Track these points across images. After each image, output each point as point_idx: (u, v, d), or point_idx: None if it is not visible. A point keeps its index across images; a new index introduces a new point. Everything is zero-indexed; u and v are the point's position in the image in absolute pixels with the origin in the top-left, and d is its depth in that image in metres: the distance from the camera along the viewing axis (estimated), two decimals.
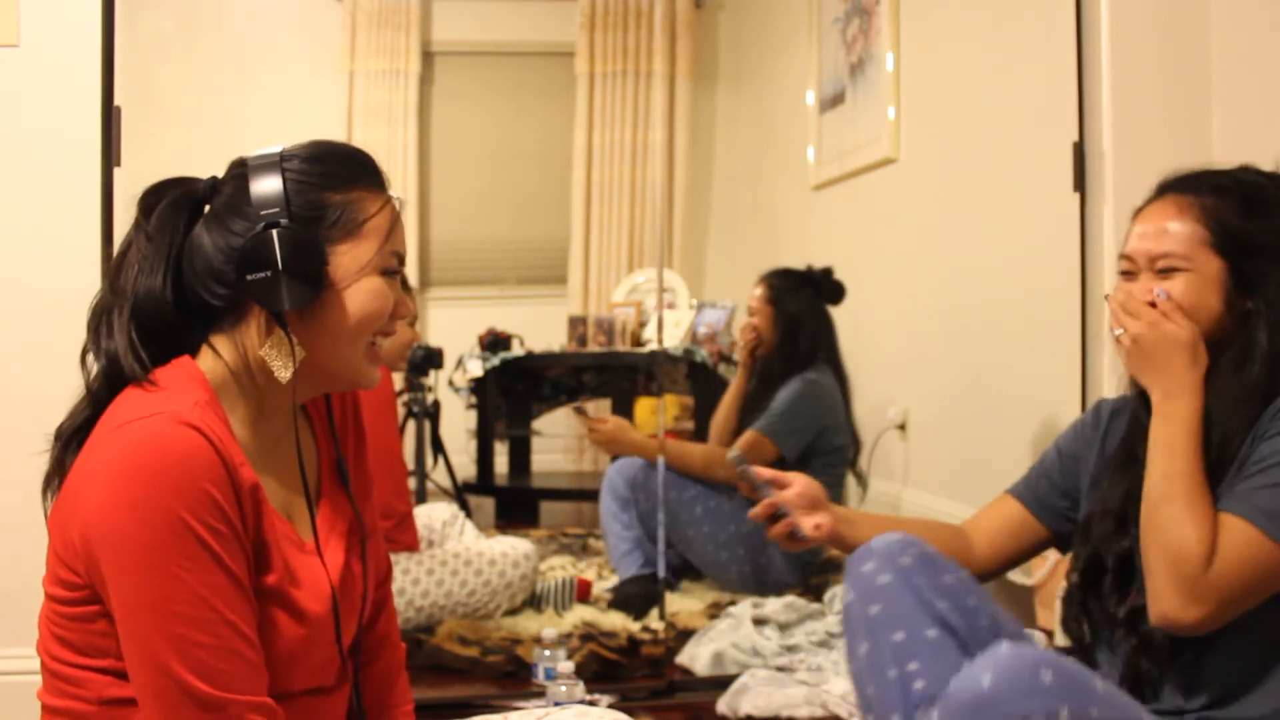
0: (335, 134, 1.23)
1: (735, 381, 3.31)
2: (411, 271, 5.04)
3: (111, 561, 1.00)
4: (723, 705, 2.23)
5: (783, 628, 2.62)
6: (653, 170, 5.21)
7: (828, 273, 3.27)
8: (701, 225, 5.40)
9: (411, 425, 3.75)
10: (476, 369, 4.09)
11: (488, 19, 5.25)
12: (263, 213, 1.09)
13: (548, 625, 2.59)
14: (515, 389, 4.35)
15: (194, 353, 1.13)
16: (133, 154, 2.12)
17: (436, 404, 3.81)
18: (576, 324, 4.53)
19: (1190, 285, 1.35)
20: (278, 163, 1.13)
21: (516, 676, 2.43)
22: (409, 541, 2.72)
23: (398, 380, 4.06)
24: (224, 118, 4.29)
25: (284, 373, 1.10)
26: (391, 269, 1.16)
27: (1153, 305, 1.36)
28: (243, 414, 1.13)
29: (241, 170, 1.14)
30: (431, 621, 2.69)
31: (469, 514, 3.30)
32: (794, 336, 3.15)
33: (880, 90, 3.82)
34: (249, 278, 1.08)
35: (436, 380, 3.87)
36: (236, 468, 1.04)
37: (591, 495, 3.41)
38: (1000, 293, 3.03)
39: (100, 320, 1.12)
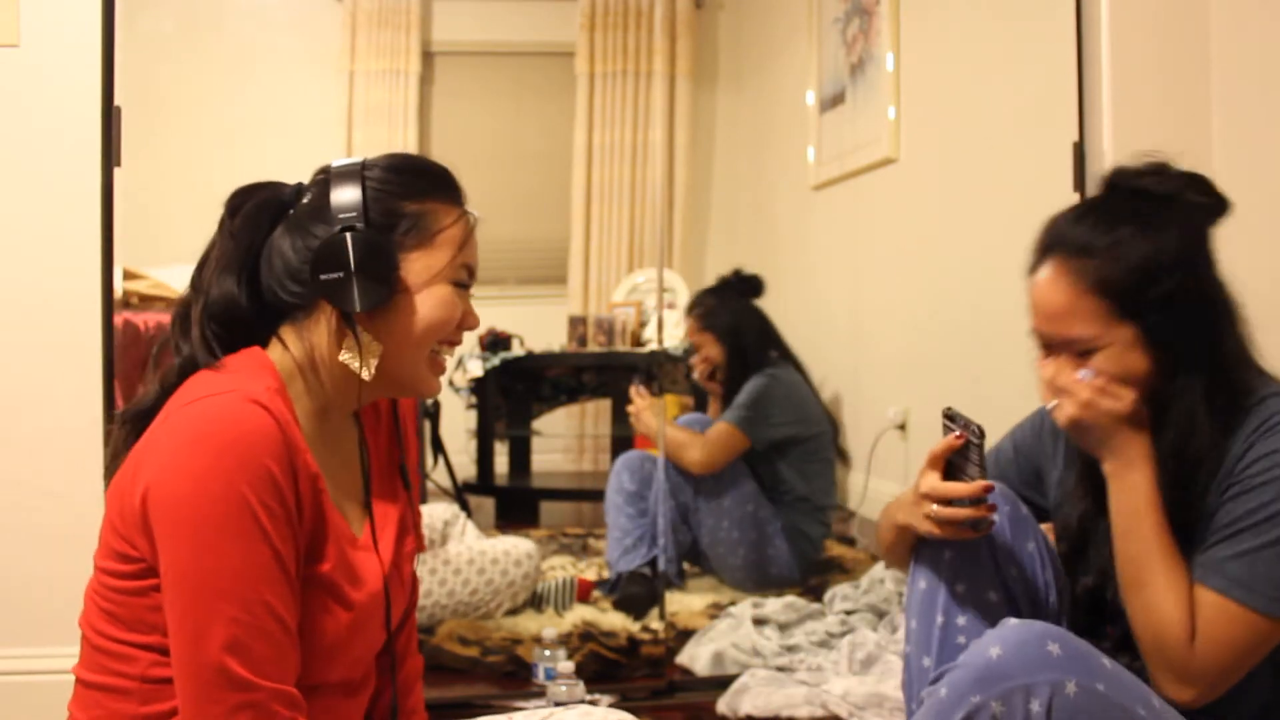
0: (335, 134, 1.24)
1: (712, 405, 3.34)
2: None
3: (165, 528, 1.01)
4: (723, 705, 2.23)
5: (783, 628, 2.62)
6: (653, 170, 5.21)
7: (738, 272, 3.34)
8: (701, 225, 5.40)
9: None
10: (476, 369, 4.10)
11: (488, 19, 5.25)
12: (341, 216, 1.13)
13: (548, 625, 2.59)
14: (515, 389, 4.35)
15: (264, 345, 1.16)
16: (133, 154, 2.12)
17: (436, 404, 3.81)
18: (576, 324, 4.53)
19: (1111, 359, 1.29)
20: (359, 171, 1.16)
21: (516, 676, 2.42)
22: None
23: None
24: (224, 118, 4.29)
25: (365, 372, 1.14)
26: (462, 281, 1.19)
27: None
28: (307, 407, 1.16)
29: (325, 177, 1.18)
30: (434, 621, 2.69)
31: (469, 514, 3.31)
32: (741, 345, 3.21)
33: (880, 90, 3.82)
34: (322, 277, 1.12)
35: None
36: (300, 453, 1.06)
37: (591, 495, 3.42)
38: (1000, 293, 3.03)
39: (180, 316, 1.16)
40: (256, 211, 1.17)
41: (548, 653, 2.32)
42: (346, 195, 1.14)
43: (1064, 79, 2.37)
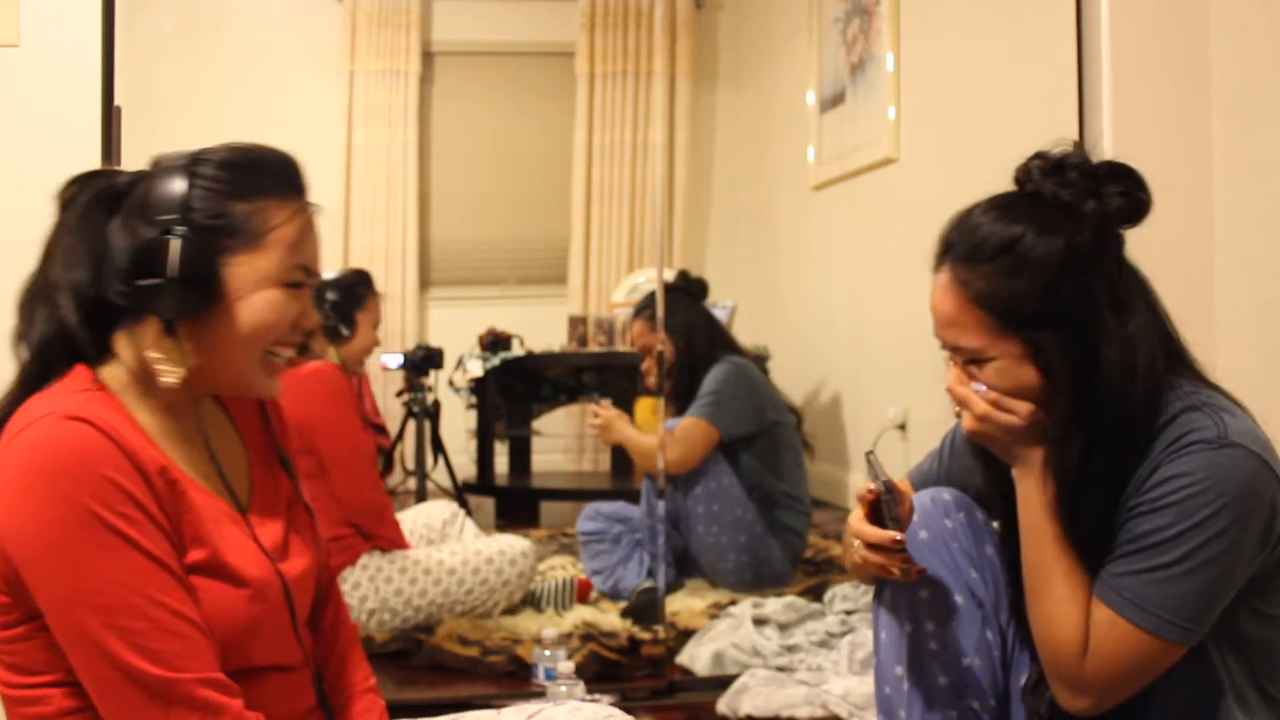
0: (335, 134, 1.23)
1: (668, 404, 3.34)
2: (411, 271, 5.05)
3: (31, 568, 1.00)
4: (723, 705, 2.23)
5: (783, 628, 2.62)
6: (653, 170, 5.20)
7: (684, 274, 3.36)
8: (701, 225, 5.40)
9: (411, 425, 3.76)
10: (476, 369, 4.10)
11: (488, 19, 5.25)
12: (160, 218, 1.09)
13: (548, 625, 2.59)
14: (515, 389, 4.35)
15: (104, 348, 1.13)
16: (133, 154, 2.12)
17: (436, 404, 3.81)
18: (576, 324, 4.53)
19: (1001, 371, 1.27)
20: (186, 166, 1.11)
21: (516, 676, 2.43)
22: (393, 536, 2.71)
23: (397, 379, 4.06)
24: (224, 118, 4.29)
25: (169, 379, 1.10)
26: (295, 281, 1.14)
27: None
28: (150, 406, 1.12)
29: (153, 170, 1.13)
30: (430, 621, 2.69)
31: (469, 513, 3.30)
32: (689, 344, 3.19)
33: (880, 90, 3.82)
34: (139, 283, 1.08)
35: (436, 380, 3.87)
36: (136, 451, 1.04)
37: (591, 495, 3.42)
38: None
39: (29, 308, 1.13)
40: (92, 204, 1.12)
41: (548, 653, 2.32)
42: (170, 192, 1.09)
43: (1064, 79, 2.37)
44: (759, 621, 2.62)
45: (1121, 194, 1.27)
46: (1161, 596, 1.19)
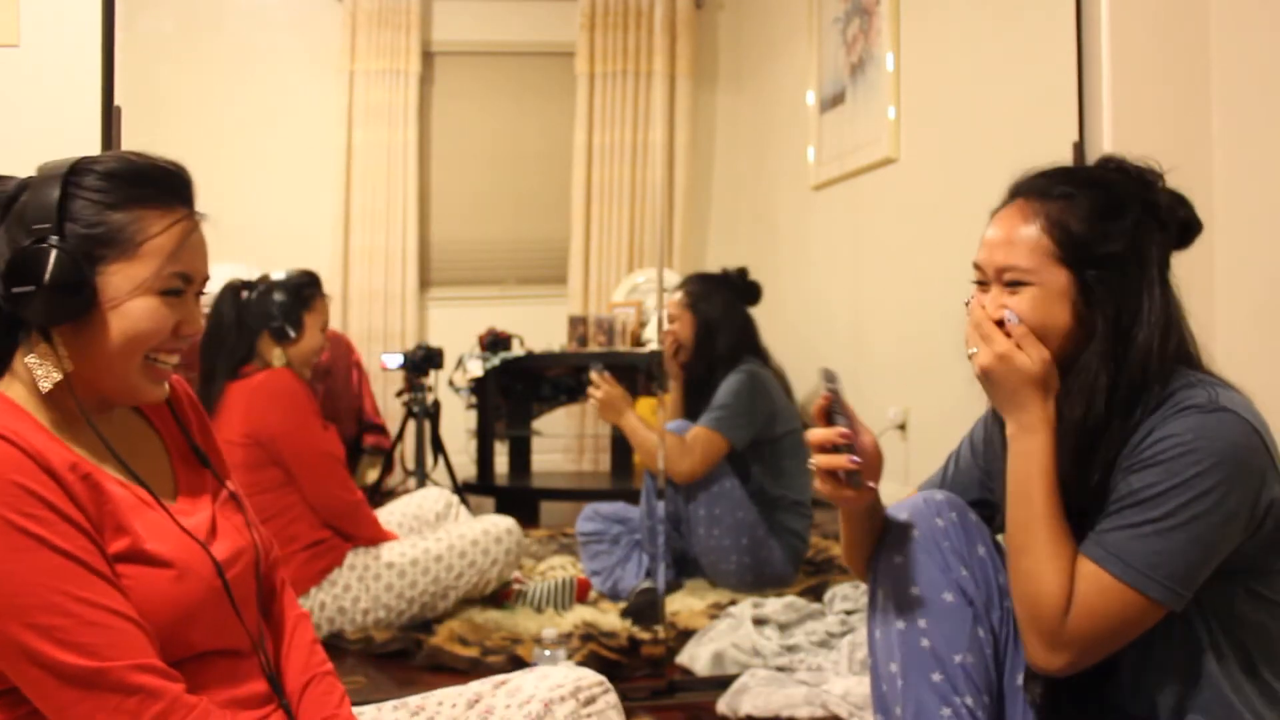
0: (335, 134, 1.22)
1: (673, 391, 3.29)
2: (411, 271, 5.05)
3: None
4: (723, 705, 2.23)
5: (783, 628, 2.62)
6: (653, 170, 5.21)
7: (743, 273, 3.26)
8: (701, 225, 5.40)
9: (412, 425, 3.76)
10: (476, 369, 4.10)
11: (488, 19, 5.26)
12: (35, 226, 1.10)
13: (547, 625, 2.59)
14: (515, 389, 4.36)
15: (6, 359, 1.15)
16: None
17: (436, 404, 3.82)
18: (576, 324, 4.53)
19: (1036, 301, 1.29)
20: (62, 176, 1.13)
21: None
22: (373, 533, 2.71)
23: (397, 379, 4.07)
24: (224, 117, 4.30)
25: (44, 384, 1.11)
26: (173, 289, 1.15)
27: (1001, 323, 1.30)
28: (58, 419, 1.14)
29: (35, 178, 1.15)
30: (426, 611, 2.70)
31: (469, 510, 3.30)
32: (712, 339, 3.14)
33: (880, 90, 3.83)
34: (14, 290, 1.09)
35: (436, 380, 3.87)
36: (42, 452, 1.05)
37: (591, 495, 3.42)
38: None
39: None
40: None
41: (548, 653, 2.32)
42: (45, 201, 1.11)
43: (1064, 79, 2.37)
44: (759, 621, 2.62)
45: (1183, 210, 1.35)
46: (1145, 551, 1.21)
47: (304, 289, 2.73)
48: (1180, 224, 1.34)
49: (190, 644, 1.13)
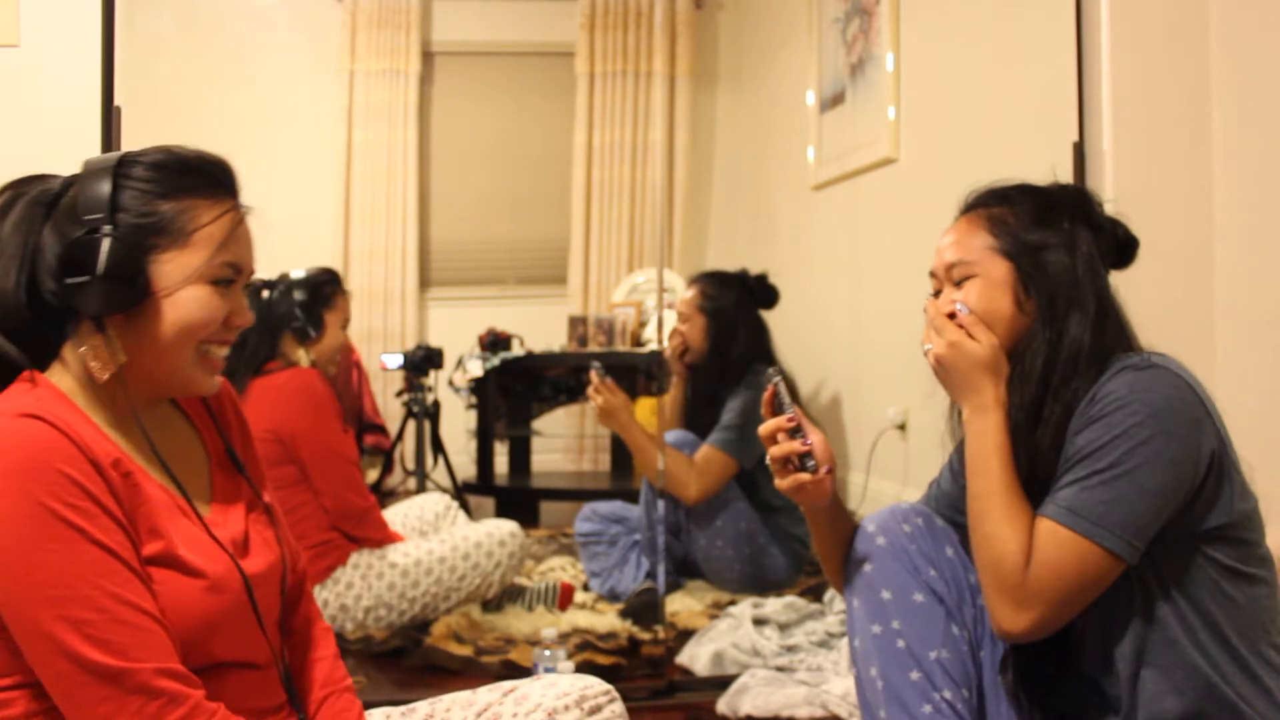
0: (335, 134, 1.23)
1: (673, 390, 3.25)
2: (411, 271, 5.06)
3: None
4: (723, 705, 2.23)
5: (783, 628, 2.62)
6: (653, 170, 5.21)
7: (762, 278, 3.18)
8: (701, 225, 5.40)
9: (411, 425, 3.76)
10: (476, 369, 4.10)
11: (488, 19, 5.26)
12: (87, 218, 1.11)
13: (539, 624, 2.59)
14: (515, 389, 4.36)
15: (53, 354, 1.15)
16: None
17: (436, 404, 3.81)
18: (576, 324, 4.53)
19: (980, 290, 1.39)
20: (113, 168, 1.13)
21: (513, 677, 2.42)
22: (380, 536, 2.71)
23: (397, 379, 4.07)
24: (224, 117, 4.30)
25: (100, 375, 1.12)
26: (224, 278, 1.16)
27: (953, 317, 1.41)
28: (104, 415, 1.14)
29: (83, 172, 1.15)
30: (428, 612, 2.70)
31: (469, 513, 3.30)
32: (726, 343, 3.07)
33: (880, 90, 3.82)
34: (68, 281, 1.10)
35: (436, 380, 3.87)
36: (91, 445, 1.05)
37: (591, 495, 3.41)
38: None
39: None
40: (28, 209, 1.15)
41: (548, 653, 2.31)
42: (96, 193, 1.12)
43: (1064, 79, 2.37)
44: (759, 621, 2.62)
45: (1123, 232, 1.44)
46: (1094, 502, 1.25)
47: (324, 287, 2.72)
48: (1117, 240, 1.43)
49: (211, 653, 1.12)
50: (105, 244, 1.09)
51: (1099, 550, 1.24)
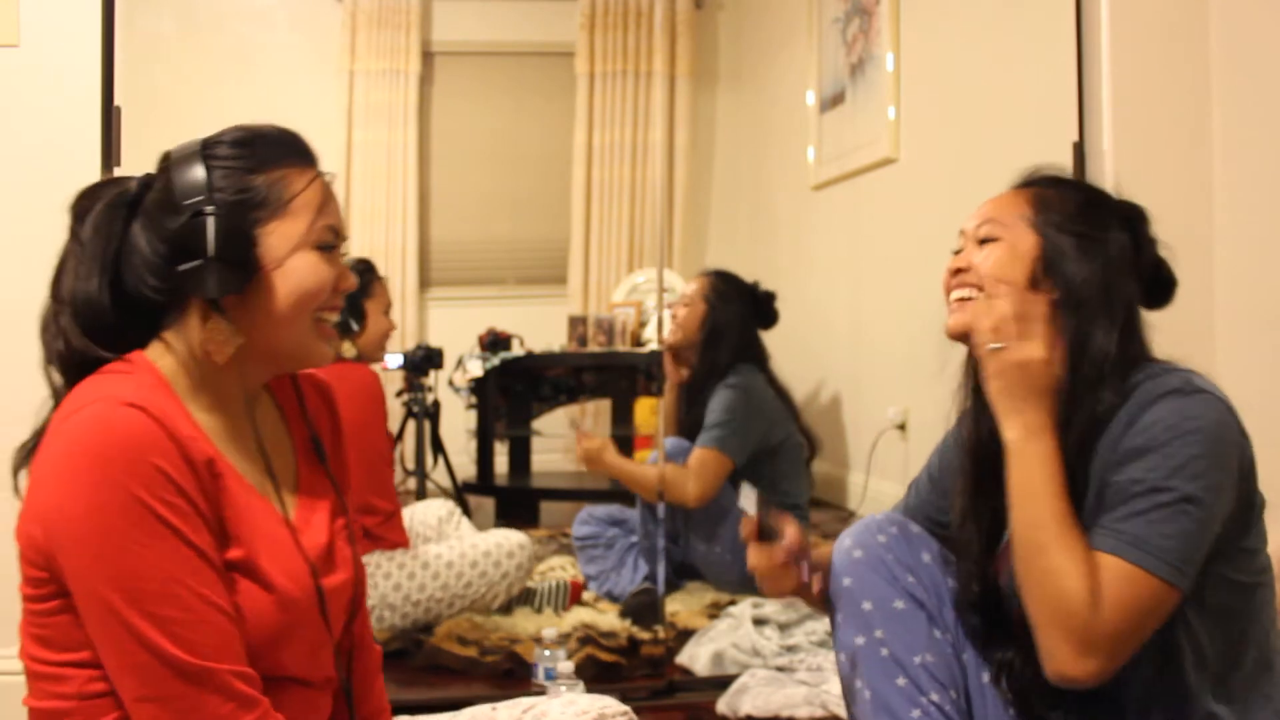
0: (335, 134, 1.23)
1: (666, 395, 3.27)
2: (411, 271, 5.05)
3: (71, 551, 1.00)
4: (723, 705, 2.23)
5: (783, 628, 2.62)
6: (653, 170, 5.21)
7: (770, 296, 3.21)
8: (701, 225, 5.40)
9: (411, 425, 3.76)
10: (476, 369, 4.09)
11: (488, 19, 5.26)
12: (187, 202, 1.10)
13: (545, 625, 2.59)
14: (515, 389, 4.35)
15: (143, 347, 1.15)
16: (133, 154, 2.12)
17: (436, 404, 3.81)
18: (576, 324, 4.52)
19: (999, 255, 1.37)
20: (200, 151, 1.13)
21: (515, 676, 2.43)
22: (396, 539, 2.72)
23: (397, 379, 4.07)
24: (224, 118, 4.28)
25: (219, 357, 1.12)
26: (327, 243, 1.16)
27: (959, 274, 1.40)
28: (203, 401, 1.14)
29: (168, 164, 1.15)
30: (430, 616, 2.69)
31: (468, 513, 3.30)
32: (716, 344, 3.09)
33: (880, 90, 3.83)
34: (180, 268, 1.09)
35: (436, 380, 3.87)
36: (187, 442, 1.04)
37: (591, 496, 3.42)
38: None
39: (47, 329, 1.15)
40: (107, 212, 1.14)
41: (548, 653, 2.32)
42: (191, 178, 1.11)
43: (1064, 79, 2.37)
44: (759, 621, 2.62)
45: (1168, 272, 1.41)
46: (1156, 536, 1.21)
47: (361, 276, 2.71)
48: (1157, 273, 1.39)
49: (278, 666, 1.12)
50: (212, 225, 1.09)
51: (1167, 586, 1.20)
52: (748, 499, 1.44)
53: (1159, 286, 1.40)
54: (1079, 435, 1.30)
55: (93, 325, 1.12)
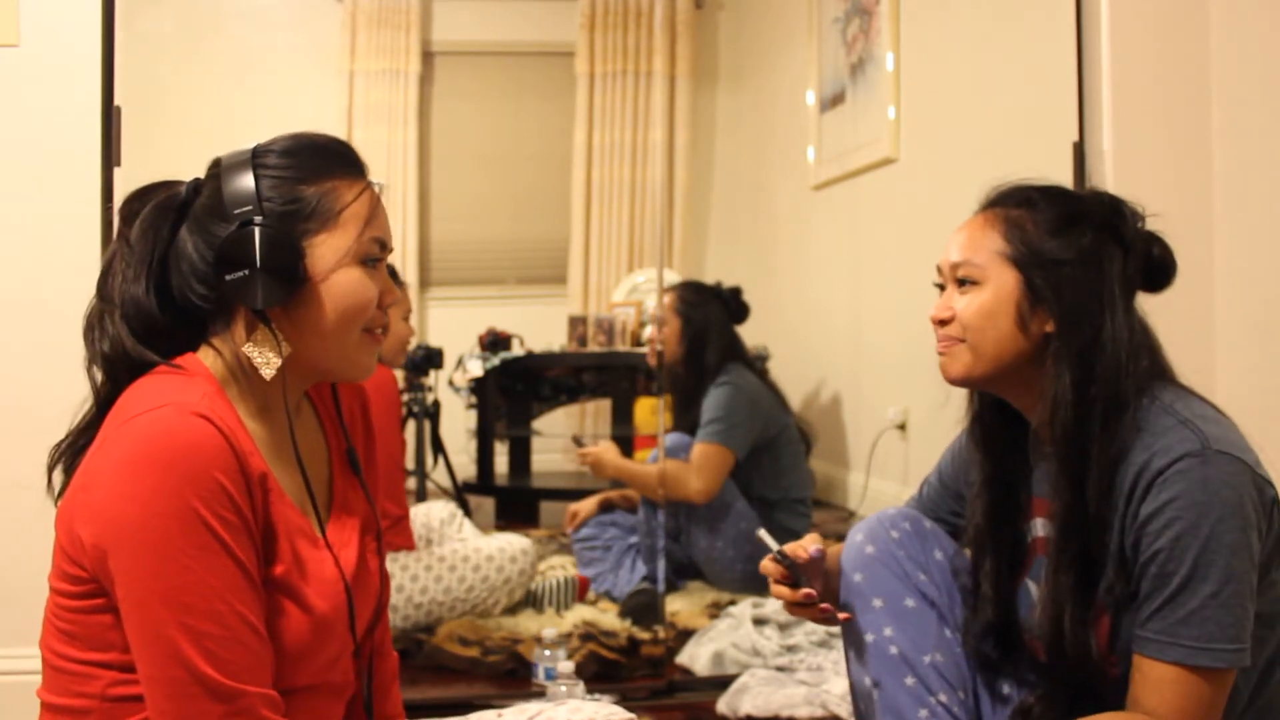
0: (335, 134, 1.21)
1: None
2: (411, 271, 5.05)
3: (122, 554, 0.99)
4: (723, 705, 2.23)
5: (783, 628, 2.62)
6: (653, 170, 5.21)
7: (736, 292, 3.28)
8: (701, 225, 5.40)
9: (412, 425, 3.76)
10: (476, 369, 4.09)
11: (488, 19, 5.25)
12: (236, 211, 1.10)
13: (548, 625, 2.59)
14: (515, 389, 4.35)
15: (193, 350, 1.14)
16: (133, 154, 2.12)
17: (436, 404, 3.81)
18: (576, 324, 4.53)
19: (979, 304, 1.31)
20: (250, 160, 1.12)
21: (517, 676, 2.43)
22: (403, 543, 2.72)
23: (397, 379, 4.06)
24: (224, 117, 4.29)
25: (267, 370, 1.11)
26: (373, 256, 1.15)
27: (943, 324, 1.35)
28: (249, 408, 1.13)
29: (217, 170, 1.14)
30: (431, 619, 2.70)
31: (469, 514, 3.30)
32: (700, 349, 3.15)
33: (880, 90, 3.83)
34: (227, 278, 1.08)
35: (436, 380, 3.87)
36: (245, 456, 1.04)
37: (591, 495, 3.41)
38: None
39: (93, 328, 1.14)
40: (155, 215, 1.14)
41: (548, 653, 2.32)
42: (240, 186, 1.10)
43: (1064, 79, 2.37)
44: (759, 621, 2.62)
45: (1160, 251, 1.33)
46: (1212, 622, 1.16)
47: None
48: (1150, 260, 1.32)
49: (297, 678, 1.11)
50: (260, 235, 1.08)
51: (1231, 672, 1.18)
52: (770, 547, 1.43)
53: (1156, 271, 1.33)
54: (1101, 469, 1.24)
55: (144, 328, 1.11)
